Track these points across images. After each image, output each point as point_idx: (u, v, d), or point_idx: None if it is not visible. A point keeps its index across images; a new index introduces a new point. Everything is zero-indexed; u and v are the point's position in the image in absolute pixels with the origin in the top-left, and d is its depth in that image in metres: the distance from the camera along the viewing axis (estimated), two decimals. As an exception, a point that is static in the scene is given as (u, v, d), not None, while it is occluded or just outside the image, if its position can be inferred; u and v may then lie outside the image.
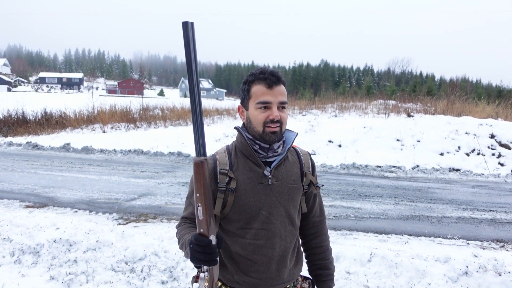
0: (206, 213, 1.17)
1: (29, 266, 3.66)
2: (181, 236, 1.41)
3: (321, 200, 1.62)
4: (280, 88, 1.37)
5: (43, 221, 4.60)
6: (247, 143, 1.41)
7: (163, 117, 18.57)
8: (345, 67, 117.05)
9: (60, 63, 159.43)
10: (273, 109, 1.35)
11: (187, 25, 1.06)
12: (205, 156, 1.17)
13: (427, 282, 3.41)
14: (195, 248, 1.17)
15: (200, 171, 1.16)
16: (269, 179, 1.41)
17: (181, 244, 1.39)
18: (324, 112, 16.55)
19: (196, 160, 1.16)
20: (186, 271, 3.49)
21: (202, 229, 1.18)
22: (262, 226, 1.40)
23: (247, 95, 1.41)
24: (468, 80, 63.85)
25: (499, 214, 5.86)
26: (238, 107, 1.49)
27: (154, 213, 5.55)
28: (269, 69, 1.39)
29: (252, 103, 1.38)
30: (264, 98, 1.36)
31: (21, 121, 18.81)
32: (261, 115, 1.36)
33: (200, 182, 1.16)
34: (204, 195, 1.16)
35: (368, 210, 5.90)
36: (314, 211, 1.58)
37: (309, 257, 1.61)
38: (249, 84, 1.40)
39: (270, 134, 1.36)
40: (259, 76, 1.38)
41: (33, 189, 6.80)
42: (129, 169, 8.98)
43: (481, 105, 16.53)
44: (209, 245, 1.16)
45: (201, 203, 1.17)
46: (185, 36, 1.07)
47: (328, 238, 1.63)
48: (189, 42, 1.07)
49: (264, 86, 1.36)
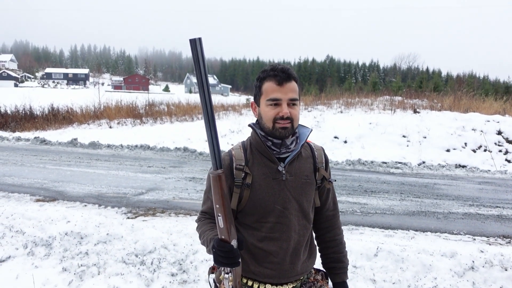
0: (226, 222, 1.25)
1: (42, 258, 3.74)
2: (202, 232, 1.48)
3: (335, 194, 1.65)
4: (290, 85, 1.39)
5: (54, 215, 4.68)
6: (261, 140, 1.44)
7: (168, 112, 18.65)
8: (350, 63, 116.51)
9: (66, 59, 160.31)
10: (283, 105, 1.38)
11: (195, 42, 1.08)
12: (222, 169, 1.23)
13: (433, 277, 3.44)
14: (218, 253, 1.26)
15: (217, 184, 1.23)
16: (283, 175, 1.44)
17: (202, 240, 1.46)
18: (329, 108, 16.53)
19: (214, 174, 1.23)
20: (195, 264, 3.56)
21: (223, 236, 1.27)
22: (277, 220, 1.44)
23: (258, 92, 1.44)
24: (475, 76, 63.31)
25: (506, 210, 5.86)
26: (251, 103, 1.52)
27: (162, 208, 5.62)
28: (280, 66, 1.41)
29: (263, 100, 1.41)
30: (274, 95, 1.38)
31: (29, 116, 19.02)
32: (271, 112, 1.39)
33: (218, 194, 1.24)
34: (223, 206, 1.24)
35: (374, 206, 5.93)
36: (327, 205, 1.61)
37: (323, 250, 1.65)
38: (260, 80, 1.43)
39: (280, 130, 1.39)
40: (270, 73, 1.40)
41: (43, 183, 6.90)
42: (136, 164, 9.06)
43: (488, 101, 16.41)
44: (231, 250, 1.25)
45: (221, 213, 1.24)
46: (194, 53, 1.08)
47: (341, 232, 1.66)
48: (198, 59, 1.09)
49: (274, 83, 1.38)
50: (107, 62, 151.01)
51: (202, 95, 1.14)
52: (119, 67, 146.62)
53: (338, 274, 1.62)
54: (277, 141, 1.43)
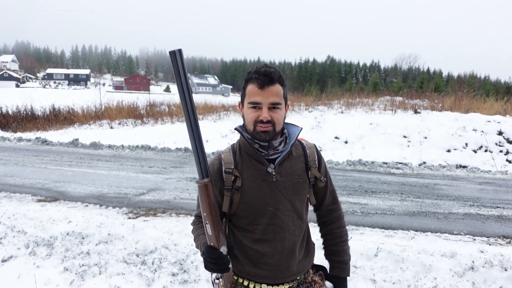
0: (215, 229, 1.27)
1: (43, 258, 3.76)
2: (196, 236, 1.50)
3: (334, 188, 1.64)
4: (273, 88, 1.37)
5: (55, 215, 4.71)
6: (248, 142, 1.44)
7: (169, 113, 18.67)
8: (351, 63, 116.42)
9: (67, 59, 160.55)
10: (263, 109, 1.37)
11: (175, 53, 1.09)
12: (208, 178, 1.24)
13: (433, 277, 3.45)
14: (208, 259, 1.28)
15: (204, 193, 1.24)
16: (273, 176, 1.43)
17: (196, 244, 1.48)
18: (330, 108, 16.54)
19: (200, 183, 1.24)
20: (196, 264, 3.57)
21: (212, 243, 1.29)
22: (269, 221, 1.44)
23: (243, 93, 1.44)
24: (476, 76, 63.25)
25: (506, 211, 5.86)
26: (238, 103, 1.52)
27: (163, 208, 5.64)
28: (263, 69, 1.38)
29: (246, 102, 1.41)
30: (254, 98, 1.37)
31: (30, 117, 19.06)
32: (252, 115, 1.39)
33: (205, 202, 1.25)
34: (210, 214, 1.26)
35: (374, 206, 5.94)
36: (326, 201, 1.61)
37: (324, 243, 1.67)
38: (245, 82, 1.43)
39: (260, 133, 1.38)
40: (252, 76, 1.39)
41: (44, 184, 6.93)
42: (137, 164, 9.09)
43: (489, 101, 16.39)
44: (220, 257, 1.27)
45: (209, 221, 1.26)
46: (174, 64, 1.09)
47: (340, 226, 1.64)
48: (179, 70, 1.10)
49: (255, 86, 1.37)
50: (108, 62, 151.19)
51: (184, 104, 1.14)
52: (120, 68, 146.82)
53: (335, 267, 1.62)
54: (263, 143, 1.42)
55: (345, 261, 1.63)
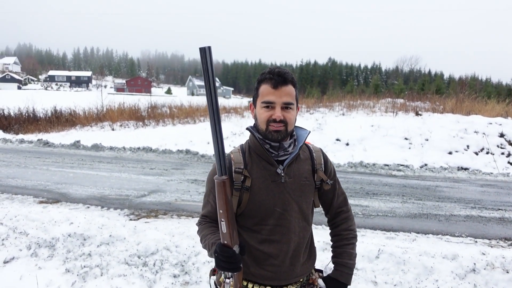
0: (229, 227, 1.27)
1: (45, 259, 3.77)
2: (204, 236, 1.49)
3: (343, 191, 1.64)
4: (286, 89, 1.40)
5: (57, 216, 4.72)
6: (259, 143, 1.45)
7: (171, 115, 18.71)
8: (352, 66, 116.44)
9: (69, 62, 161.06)
10: (276, 109, 1.39)
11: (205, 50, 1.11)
12: (227, 175, 1.26)
13: (434, 279, 3.45)
14: (220, 258, 1.28)
15: (222, 190, 1.25)
16: (282, 177, 1.45)
17: (204, 244, 1.47)
18: (331, 110, 16.53)
19: (219, 180, 1.25)
20: (197, 266, 3.58)
21: (226, 241, 1.29)
22: (277, 222, 1.45)
23: (256, 94, 1.46)
24: (478, 78, 63.24)
25: (508, 213, 5.85)
26: (250, 104, 1.54)
27: (164, 209, 5.65)
28: (277, 70, 1.42)
29: (259, 102, 1.43)
30: (268, 98, 1.40)
31: (32, 119, 19.11)
32: (265, 114, 1.41)
33: (223, 199, 1.26)
34: (226, 211, 1.26)
35: (376, 208, 5.93)
36: (335, 203, 1.61)
37: (331, 246, 1.67)
38: (258, 83, 1.45)
39: (273, 133, 1.40)
40: (266, 76, 1.42)
41: (46, 185, 6.94)
42: (139, 166, 9.10)
43: (490, 103, 16.37)
44: (233, 255, 1.27)
45: (225, 218, 1.27)
46: (204, 61, 1.12)
47: (348, 228, 1.62)
48: (207, 67, 1.12)
49: (269, 86, 1.40)
50: (109, 64, 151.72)
51: (210, 102, 1.17)
52: (122, 70, 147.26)
53: (335, 270, 1.61)
54: (274, 143, 1.44)
55: (347, 264, 1.57)
